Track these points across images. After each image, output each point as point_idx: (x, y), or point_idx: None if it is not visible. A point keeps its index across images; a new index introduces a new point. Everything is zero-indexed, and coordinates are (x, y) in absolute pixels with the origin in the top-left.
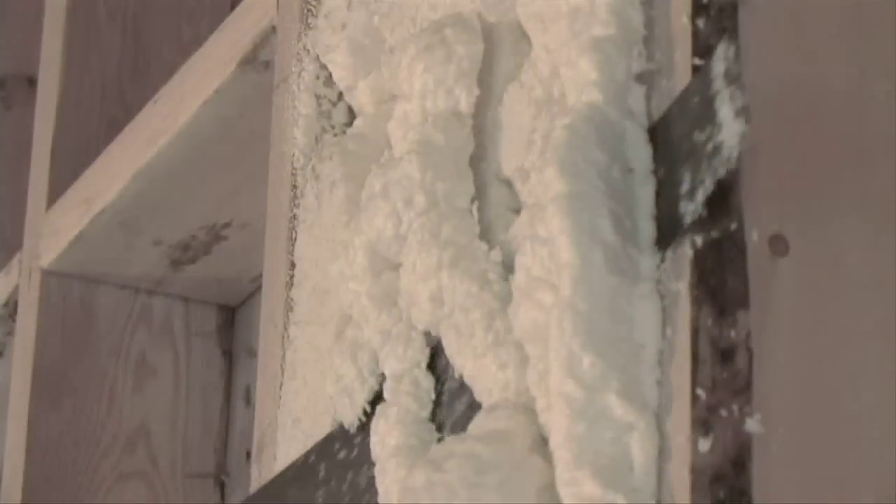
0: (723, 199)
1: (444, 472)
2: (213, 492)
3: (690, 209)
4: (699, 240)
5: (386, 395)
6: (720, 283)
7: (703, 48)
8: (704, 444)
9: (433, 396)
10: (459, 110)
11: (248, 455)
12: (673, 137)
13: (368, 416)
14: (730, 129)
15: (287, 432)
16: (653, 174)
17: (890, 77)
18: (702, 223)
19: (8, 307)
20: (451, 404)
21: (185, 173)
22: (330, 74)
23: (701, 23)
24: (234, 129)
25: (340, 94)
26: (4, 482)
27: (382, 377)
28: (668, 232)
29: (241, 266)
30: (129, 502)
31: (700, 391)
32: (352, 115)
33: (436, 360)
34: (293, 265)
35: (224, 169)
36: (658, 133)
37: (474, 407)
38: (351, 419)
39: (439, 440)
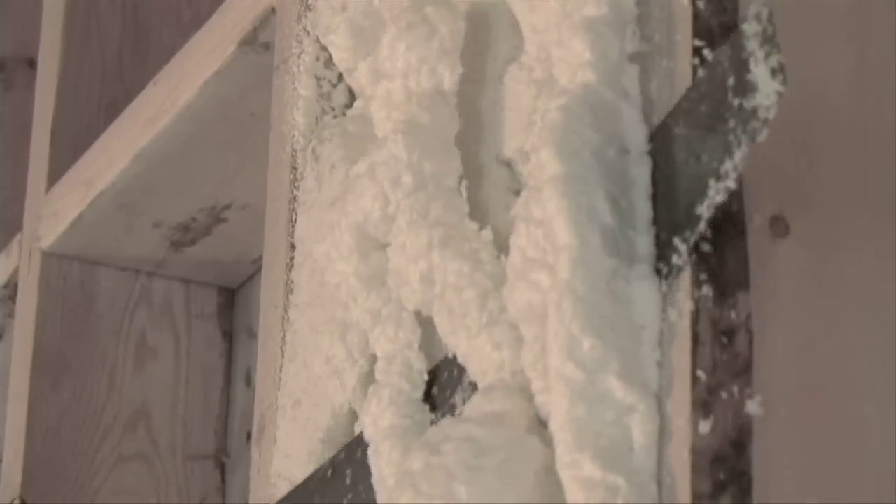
0: None
1: (442, 456)
2: (213, 473)
3: (721, 186)
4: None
5: (378, 375)
6: (720, 264)
7: (703, 30)
8: (705, 426)
9: (425, 377)
10: (443, 89)
11: (249, 436)
12: (702, 106)
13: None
14: (766, 90)
15: (287, 414)
16: (648, 154)
17: (890, 63)
18: None
19: (8, 289)
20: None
21: (184, 155)
22: (330, 56)
23: (701, 4)
24: (234, 111)
25: (340, 76)
26: (4, 464)
27: (373, 358)
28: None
29: (242, 248)
30: (130, 483)
31: (700, 373)
32: (352, 96)
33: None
34: (293, 247)
35: (224, 150)
36: (683, 106)
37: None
38: (341, 401)
39: (432, 421)
